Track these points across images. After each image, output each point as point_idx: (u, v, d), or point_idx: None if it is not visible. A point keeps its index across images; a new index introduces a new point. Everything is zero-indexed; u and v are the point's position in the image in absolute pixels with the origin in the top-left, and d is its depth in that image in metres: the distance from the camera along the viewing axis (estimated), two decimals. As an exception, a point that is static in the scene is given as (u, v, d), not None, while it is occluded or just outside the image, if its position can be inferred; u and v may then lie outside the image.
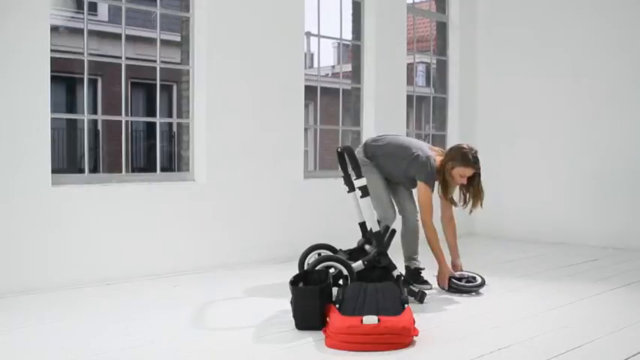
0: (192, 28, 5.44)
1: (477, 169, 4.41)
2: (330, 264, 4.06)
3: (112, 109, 13.15)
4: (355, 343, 3.14)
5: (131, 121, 13.81)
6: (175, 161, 12.39)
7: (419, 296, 4.11)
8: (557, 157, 7.14)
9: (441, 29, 7.77)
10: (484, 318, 3.88)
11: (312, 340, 3.31)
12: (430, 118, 7.91)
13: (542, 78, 7.23)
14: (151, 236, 5.06)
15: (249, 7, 5.65)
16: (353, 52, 6.96)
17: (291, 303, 3.58)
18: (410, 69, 8.13)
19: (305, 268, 4.37)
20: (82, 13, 9.99)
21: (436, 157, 4.52)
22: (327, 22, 7.08)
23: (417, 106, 8.09)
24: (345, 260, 4.10)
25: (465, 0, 7.69)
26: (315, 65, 12.64)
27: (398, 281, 4.05)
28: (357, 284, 3.78)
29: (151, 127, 13.61)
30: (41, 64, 4.51)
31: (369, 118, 6.77)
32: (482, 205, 4.49)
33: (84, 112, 5.29)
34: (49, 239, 4.54)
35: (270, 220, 5.77)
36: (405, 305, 3.41)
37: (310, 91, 6.98)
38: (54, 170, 4.65)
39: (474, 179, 4.44)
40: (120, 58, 5.33)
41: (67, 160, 13.41)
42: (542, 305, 4.14)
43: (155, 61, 5.51)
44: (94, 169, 12.67)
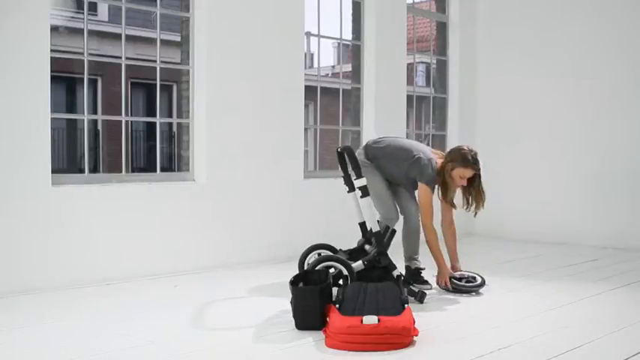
0: (192, 28, 5.44)
1: (477, 170, 4.42)
2: (330, 264, 4.06)
3: (112, 109, 13.14)
4: (355, 343, 3.14)
5: (131, 121, 13.80)
6: (175, 161, 12.38)
7: (419, 296, 4.11)
8: (557, 157, 7.14)
9: (441, 29, 7.77)
10: (484, 318, 3.88)
11: (312, 340, 3.31)
12: (430, 118, 7.91)
13: (542, 78, 7.23)
14: (151, 236, 5.06)
15: (249, 7, 5.65)
16: (353, 52, 6.96)
17: (291, 303, 3.58)
18: (410, 69, 8.13)
19: (305, 268, 4.38)
20: (82, 13, 9.98)
21: (437, 159, 4.52)
22: (327, 22, 7.09)
23: (417, 106, 8.09)
24: (345, 260, 4.10)
25: (465, 0, 7.69)
26: (315, 65, 12.64)
27: (398, 281, 4.05)
28: (357, 284, 3.78)
29: (151, 127, 13.60)
30: (41, 64, 4.51)
31: (369, 118, 6.77)
32: (483, 206, 4.51)
33: (84, 112, 5.29)
34: (49, 239, 4.54)
35: (270, 220, 5.77)
36: (405, 305, 3.42)
37: (310, 91, 6.98)
38: (54, 170, 4.65)
39: (474, 181, 4.44)
40: (120, 58, 5.33)
41: (67, 160, 13.40)
42: (542, 305, 4.14)
43: (155, 61, 5.51)
44: (94, 169, 12.66)
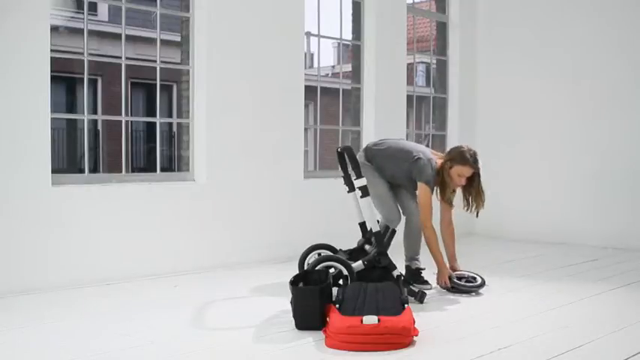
0: (192, 28, 5.44)
1: (476, 168, 4.42)
2: (330, 264, 4.06)
3: (112, 109, 13.15)
4: (355, 343, 3.14)
5: (131, 121, 13.81)
6: (175, 161, 12.39)
7: (419, 296, 4.11)
8: (557, 157, 7.13)
9: (441, 29, 7.76)
10: (484, 318, 3.88)
11: (312, 340, 3.31)
12: (430, 118, 7.91)
13: (542, 78, 7.23)
14: (151, 236, 5.06)
15: (249, 7, 5.65)
16: (353, 52, 6.96)
17: (291, 303, 3.58)
18: (410, 69, 8.13)
19: (305, 268, 4.38)
20: (82, 13, 9.99)
21: (437, 160, 4.53)
22: (327, 22, 7.09)
23: (417, 106, 8.09)
24: (345, 260, 4.10)
25: (465, 0, 7.69)
26: (315, 65, 12.64)
27: (398, 281, 4.05)
28: (357, 284, 3.77)
29: (151, 127, 13.60)
30: (41, 64, 4.51)
31: (369, 118, 6.77)
32: (483, 206, 4.51)
33: (84, 112, 5.29)
34: (49, 239, 4.54)
35: (270, 220, 5.77)
36: (405, 305, 3.42)
37: (310, 91, 6.98)
38: (54, 170, 4.65)
39: (473, 180, 4.45)
40: (120, 58, 5.33)
41: (67, 160, 13.41)
42: (542, 305, 4.14)
43: (155, 61, 5.51)
44: (94, 169, 12.67)
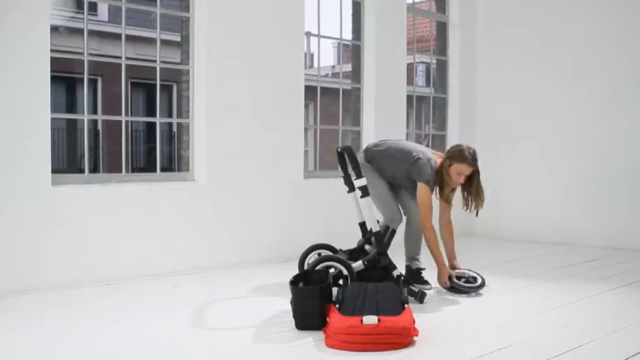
0: (192, 28, 5.44)
1: (475, 166, 4.41)
2: (330, 264, 4.06)
3: (112, 109, 13.15)
4: (355, 343, 3.14)
5: (131, 121, 13.81)
6: (175, 161, 12.40)
7: (419, 296, 4.11)
8: (557, 157, 7.13)
9: (441, 29, 7.76)
10: (484, 318, 3.88)
11: (312, 340, 3.31)
12: (430, 118, 7.91)
13: (542, 78, 7.23)
14: (151, 236, 5.06)
15: (249, 7, 5.65)
16: (353, 52, 6.96)
17: (291, 303, 3.58)
18: (410, 69, 8.13)
19: (305, 268, 4.38)
20: (82, 13, 9.98)
21: (437, 159, 4.52)
22: (327, 22, 7.09)
23: (417, 106, 8.09)
24: (345, 260, 4.10)
25: (465, 0, 7.69)
26: (315, 65, 12.64)
27: (398, 281, 4.05)
28: (357, 284, 3.77)
29: (151, 127, 13.60)
30: (41, 64, 4.51)
31: (369, 118, 6.77)
32: (482, 205, 4.51)
33: (84, 112, 5.29)
34: (49, 239, 4.54)
35: (270, 220, 5.77)
36: (405, 305, 3.42)
37: (310, 91, 6.98)
38: (54, 170, 4.65)
39: (472, 179, 4.44)
40: (120, 58, 5.33)
41: (67, 160, 13.41)
42: (542, 305, 4.14)
43: (155, 61, 5.51)
44: (94, 169, 12.67)
